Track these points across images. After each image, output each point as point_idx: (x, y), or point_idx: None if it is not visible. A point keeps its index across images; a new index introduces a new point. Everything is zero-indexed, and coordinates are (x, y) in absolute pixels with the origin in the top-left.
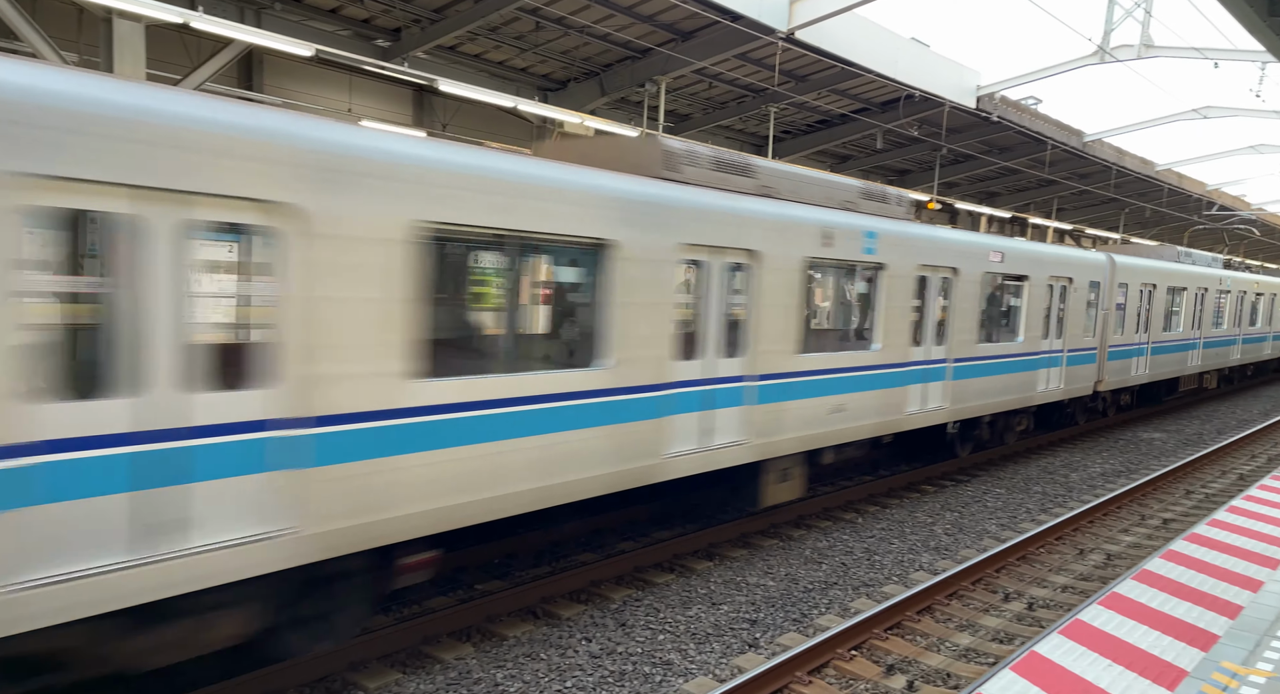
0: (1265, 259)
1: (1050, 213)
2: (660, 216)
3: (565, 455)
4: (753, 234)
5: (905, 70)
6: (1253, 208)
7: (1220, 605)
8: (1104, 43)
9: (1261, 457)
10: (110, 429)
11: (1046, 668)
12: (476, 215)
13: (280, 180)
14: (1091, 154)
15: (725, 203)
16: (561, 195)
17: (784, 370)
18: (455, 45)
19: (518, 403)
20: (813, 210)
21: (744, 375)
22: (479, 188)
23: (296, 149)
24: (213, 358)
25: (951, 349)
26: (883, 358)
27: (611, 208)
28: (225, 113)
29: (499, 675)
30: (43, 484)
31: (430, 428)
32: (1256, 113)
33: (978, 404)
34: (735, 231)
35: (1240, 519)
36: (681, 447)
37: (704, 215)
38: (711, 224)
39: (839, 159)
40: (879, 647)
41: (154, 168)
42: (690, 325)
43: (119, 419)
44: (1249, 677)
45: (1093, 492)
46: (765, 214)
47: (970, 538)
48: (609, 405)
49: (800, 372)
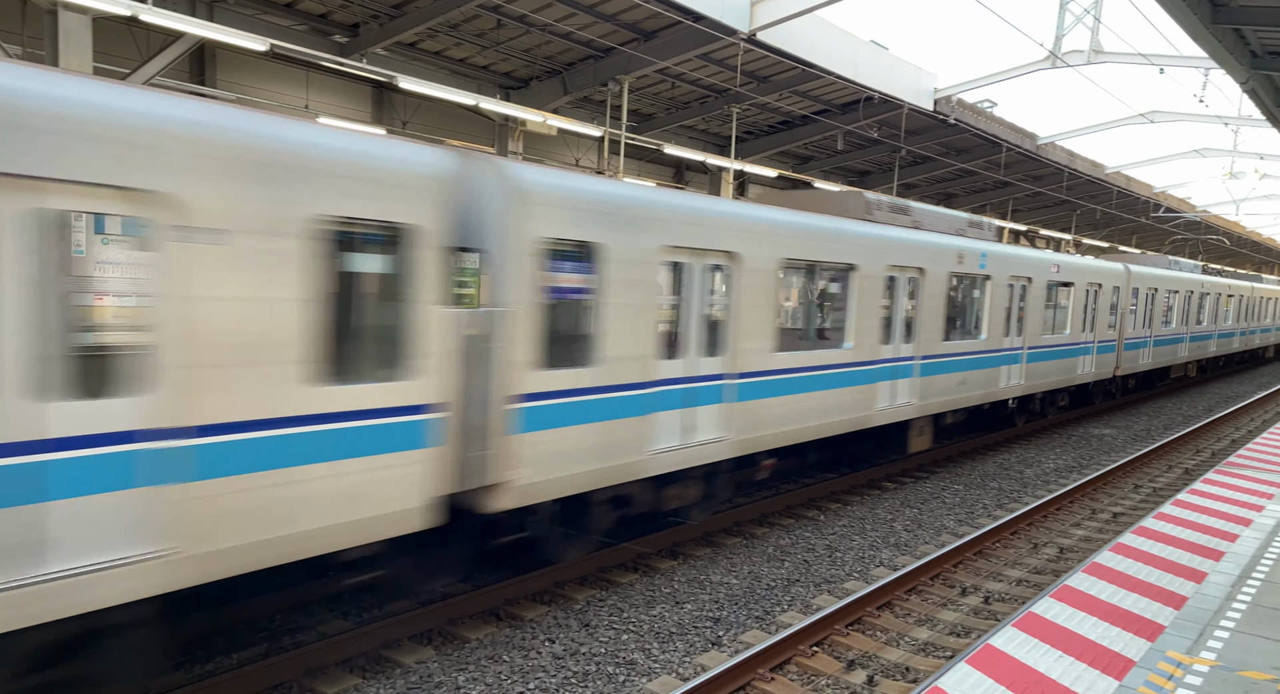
0: (1206, 258)
1: (1006, 214)
2: (872, 246)
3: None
4: (919, 255)
5: (865, 72)
6: (1197, 210)
7: (1166, 596)
8: (1056, 48)
9: (1205, 451)
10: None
11: (1001, 660)
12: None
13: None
14: (1045, 156)
15: (904, 235)
16: (814, 231)
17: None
18: (415, 42)
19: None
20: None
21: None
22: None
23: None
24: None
25: (1026, 340)
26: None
27: (853, 242)
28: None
29: (461, 678)
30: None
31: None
32: (1200, 118)
33: (1043, 382)
34: (909, 254)
35: (1185, 512)
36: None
37: (898, 246)
38: (901, 251)
39: (801, 160)
40: (840, 642)
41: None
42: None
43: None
44: (1193, 666)
45: (1046, 487)
46: (925, 242)
47: (929, 533)
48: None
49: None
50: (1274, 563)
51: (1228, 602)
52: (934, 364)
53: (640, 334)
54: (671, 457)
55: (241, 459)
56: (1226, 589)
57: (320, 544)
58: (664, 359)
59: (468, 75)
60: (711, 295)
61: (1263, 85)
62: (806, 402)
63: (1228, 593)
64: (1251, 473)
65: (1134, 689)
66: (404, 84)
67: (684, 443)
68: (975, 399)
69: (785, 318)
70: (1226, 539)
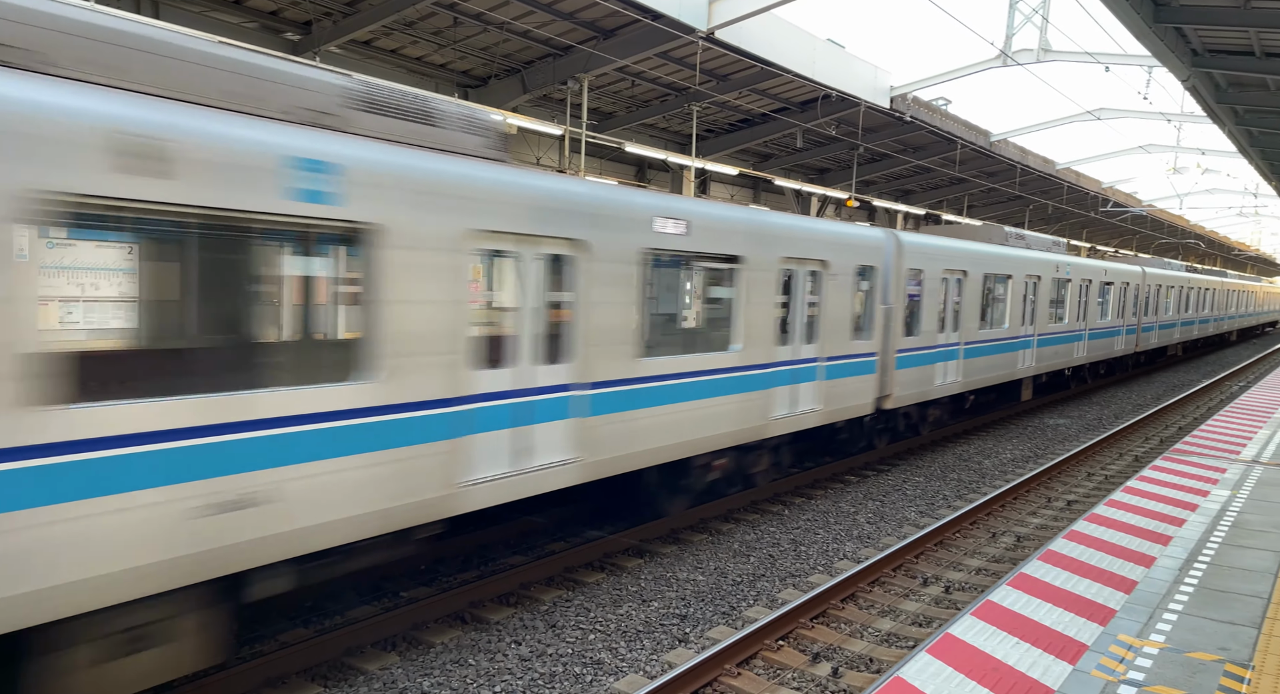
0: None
1: (962, 210)
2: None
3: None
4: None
5: (822, 71)
6: (1143, 204)
7: (1117, 581)
8: (1006, 47)
9: (1154, 439)
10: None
11: (960, 649)
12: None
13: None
14: (998, 153)
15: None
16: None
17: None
18: (370, 40)
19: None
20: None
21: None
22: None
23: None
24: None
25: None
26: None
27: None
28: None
29: (426, 684)
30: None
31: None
32: (1145, 114)
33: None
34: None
35: (1135, 499)
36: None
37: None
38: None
39: (761, 158)
40: (805, 636)
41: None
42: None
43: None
44: (1143, 648)
45: (1004, 477)
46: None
47: (891, 525)
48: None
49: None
50: (1219, 546)
51: (1175, 585)
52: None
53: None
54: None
55: (616, 402)
56: (1174, 573)
57: (853, 413)
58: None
59: (425, 74)
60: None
61: (1203, 82)
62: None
63: (1175, 577)
64: (1197, 459)
65: (1087, 673)
66: None
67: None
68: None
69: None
70: (1174, 524)
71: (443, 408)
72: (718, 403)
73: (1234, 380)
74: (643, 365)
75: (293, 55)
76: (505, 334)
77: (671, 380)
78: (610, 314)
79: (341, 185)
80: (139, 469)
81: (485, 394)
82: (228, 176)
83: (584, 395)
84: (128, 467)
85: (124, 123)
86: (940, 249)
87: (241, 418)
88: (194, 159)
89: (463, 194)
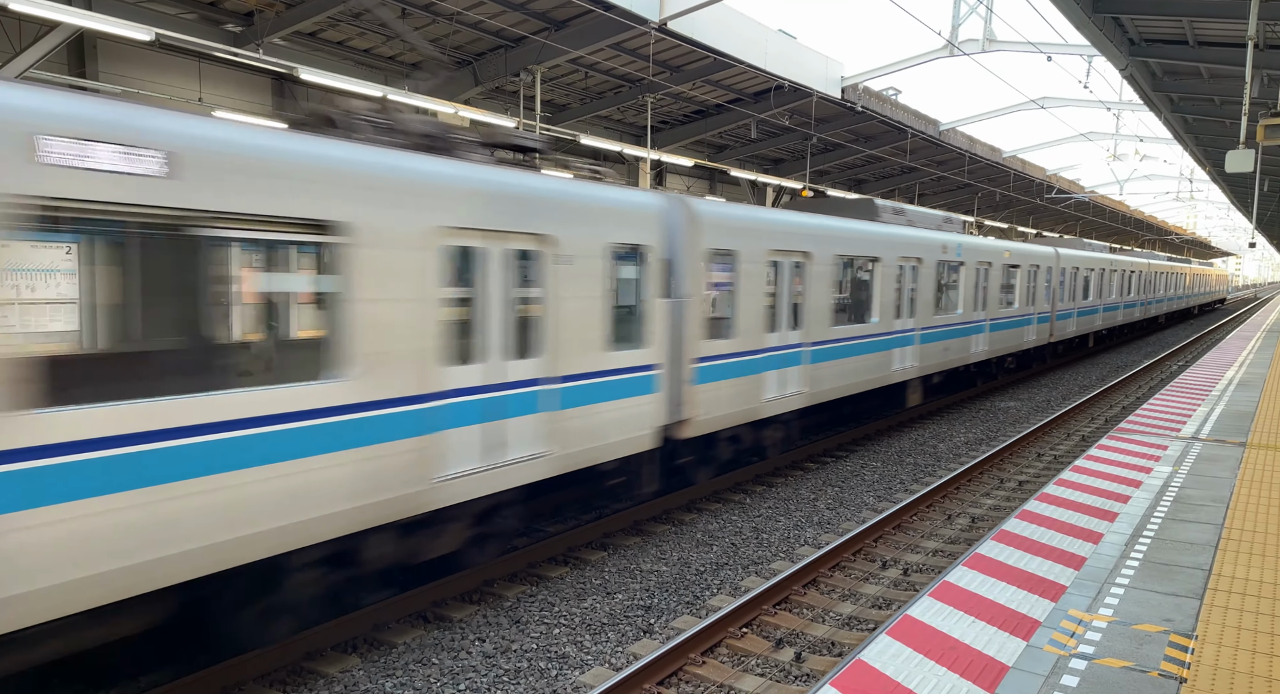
0: (1099, 236)
1: (913, 198)
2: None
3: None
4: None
5: (774, 61)
6: (1086, 191)
7: (1067, 558)
8: (953, 37)
9: (1100, 418)
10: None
11: (919, 630)
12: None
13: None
14: (947, 142)
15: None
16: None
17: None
18: (316, 32)
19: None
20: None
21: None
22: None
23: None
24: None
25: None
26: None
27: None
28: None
29: (388, 684)
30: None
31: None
32: (1086, 103)
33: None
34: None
35: (1083, 477)
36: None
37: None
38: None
39: (716, 149)
40: (768, 622)
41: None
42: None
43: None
44: (1093, 622)
45: (958, 460)
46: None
47: (850, 510)
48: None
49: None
50: (1162, 521)
51: (1122, 560)
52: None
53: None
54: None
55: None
56: (1120, 548)
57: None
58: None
59: (374, 66)
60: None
61: (1140, 71)
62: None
63: (1122, 552)
64: (1140, 437)
65: (1039, 648)
66: (305, 75)
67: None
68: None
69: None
70: (1120, 501)
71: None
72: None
73: (1174, 360)
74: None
75: (234, 47)
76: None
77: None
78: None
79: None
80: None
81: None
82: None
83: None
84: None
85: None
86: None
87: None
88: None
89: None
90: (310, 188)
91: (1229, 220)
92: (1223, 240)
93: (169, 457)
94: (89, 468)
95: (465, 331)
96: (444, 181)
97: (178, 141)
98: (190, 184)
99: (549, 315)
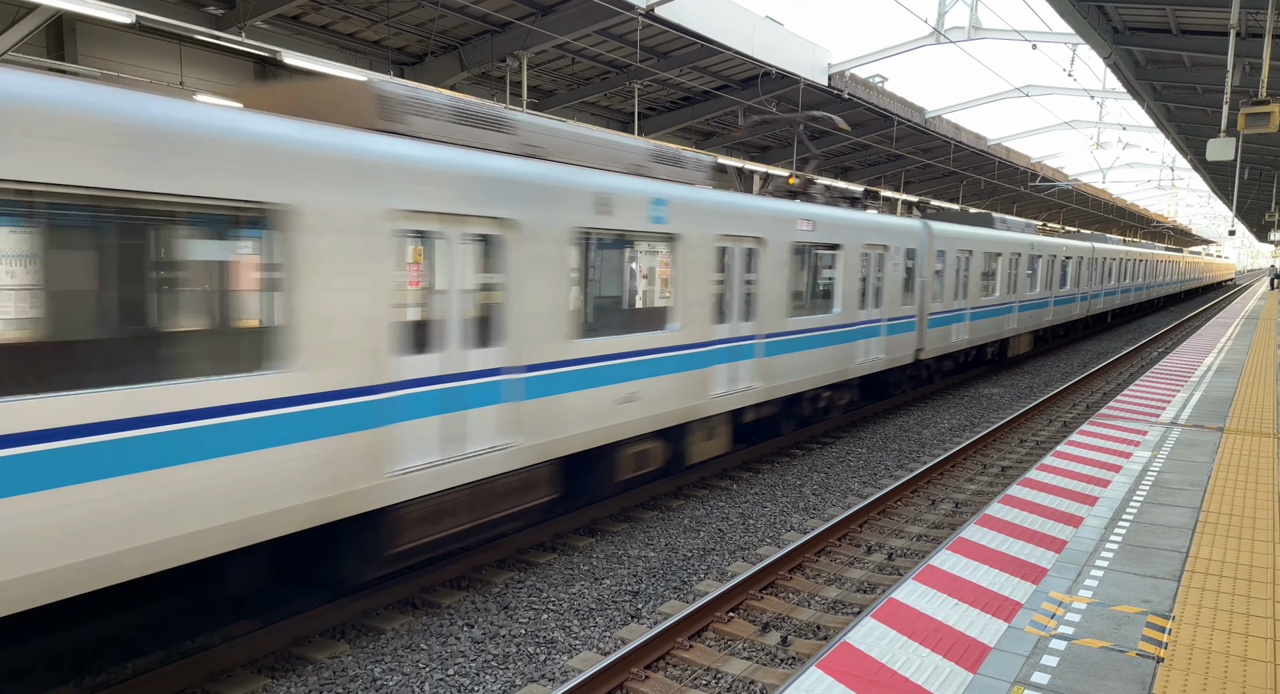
0: (1081, 224)
1: (899, 186)
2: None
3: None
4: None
5: (761, 48)
6: (1070, 178)
7: (1048, 541)
8: (939, 24)
9: (1081, 405)
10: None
11: (903, 612)
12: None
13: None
14: (933, 130)
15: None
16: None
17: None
18: (299, 15)
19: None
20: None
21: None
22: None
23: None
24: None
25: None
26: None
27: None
28: None
29: (377, 670)
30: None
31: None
32: (1070, 91)
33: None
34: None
35: (1064, 462)
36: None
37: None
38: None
39: (704, 135)
40: (755, 607)
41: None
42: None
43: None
44: (1073, 604)
45: (942, 446)
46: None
47: (836, 496)
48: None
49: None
50: (1141, 505)
51: (1102, 543)
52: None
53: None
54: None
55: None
56: (1100, 532)
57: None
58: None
59: (359, 51)
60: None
61: (1123, 59)
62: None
63: (1101, 535)
64: (1120, 423)
65: (1021, 629)
66: (288, 59)
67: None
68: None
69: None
70: (1100, 485)
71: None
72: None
73: (1153, 347)
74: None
75: (216, 30)
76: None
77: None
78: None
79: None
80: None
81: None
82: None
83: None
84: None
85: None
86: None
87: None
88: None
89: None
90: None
91: (1209, 208)
92: (1203, 228)
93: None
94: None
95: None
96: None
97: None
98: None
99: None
